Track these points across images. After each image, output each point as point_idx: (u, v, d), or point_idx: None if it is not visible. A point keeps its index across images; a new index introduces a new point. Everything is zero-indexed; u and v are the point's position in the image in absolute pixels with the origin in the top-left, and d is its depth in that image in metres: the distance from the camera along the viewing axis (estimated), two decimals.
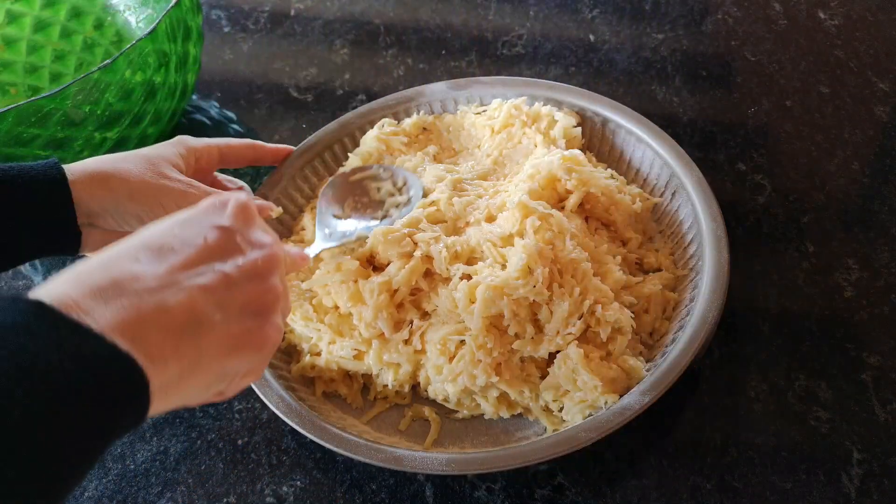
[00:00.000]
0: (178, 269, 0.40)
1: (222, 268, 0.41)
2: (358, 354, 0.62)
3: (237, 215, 0.45)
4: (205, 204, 0.45)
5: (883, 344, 0.62)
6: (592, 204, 0.66)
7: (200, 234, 0.42)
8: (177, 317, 0.38)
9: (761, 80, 0.81)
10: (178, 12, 0.74)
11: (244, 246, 0.44)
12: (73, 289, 0.36)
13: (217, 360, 0.40)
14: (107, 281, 0.37)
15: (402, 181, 0.69)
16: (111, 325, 0.35)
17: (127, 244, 0.40)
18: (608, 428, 0.54)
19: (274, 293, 0.44)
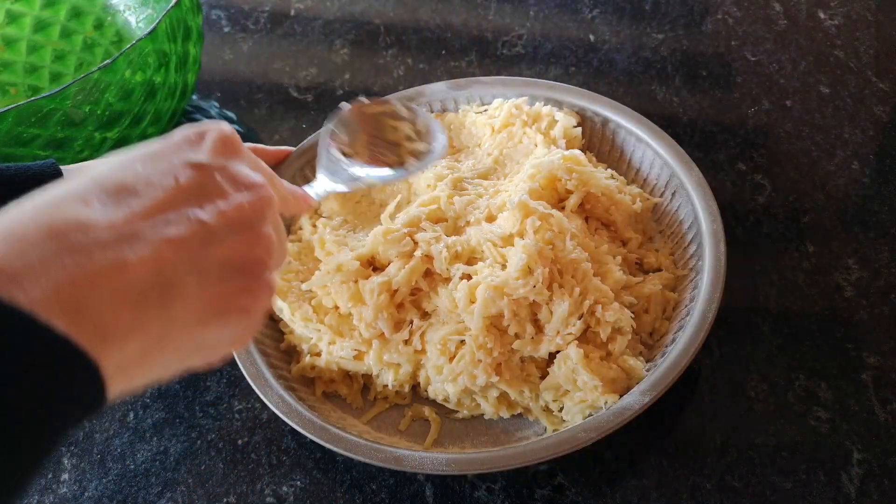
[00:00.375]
0: (141, 217, 0.31)
1: (199, 214, 0.33)
2: (358, 355, 0.62)
3: (218, 148, 0.37)
4: (178, 134, 0.37)
5: (883, 344, 0.62)
6: (592, 204, 0.66)
7: (170, 173, 0.34)
8: (137, 279, 0.30)
9: (761, 80, 0.81)
10: (178, 12, 0.74)
11: (227, 186, 0.36)
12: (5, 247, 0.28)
13: (192, 329, 0.33)
14: (44, 232, 0.29)
15: (424, 127, 0.61)
16: (48, 295, 0.28)
17: (76, 182, 0.32)
18: (608, 428, 0.54)
19: (265, 244, 0.36)
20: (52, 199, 0.31)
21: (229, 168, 0.37)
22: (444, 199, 0.65)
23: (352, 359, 0.62)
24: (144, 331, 0.31)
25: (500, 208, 0.64)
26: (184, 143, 0.36)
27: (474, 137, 0.74)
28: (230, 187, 0.36)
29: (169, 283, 0.31)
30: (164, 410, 0.66)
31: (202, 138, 0.37)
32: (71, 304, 0.28)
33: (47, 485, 0.63)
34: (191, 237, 0.33)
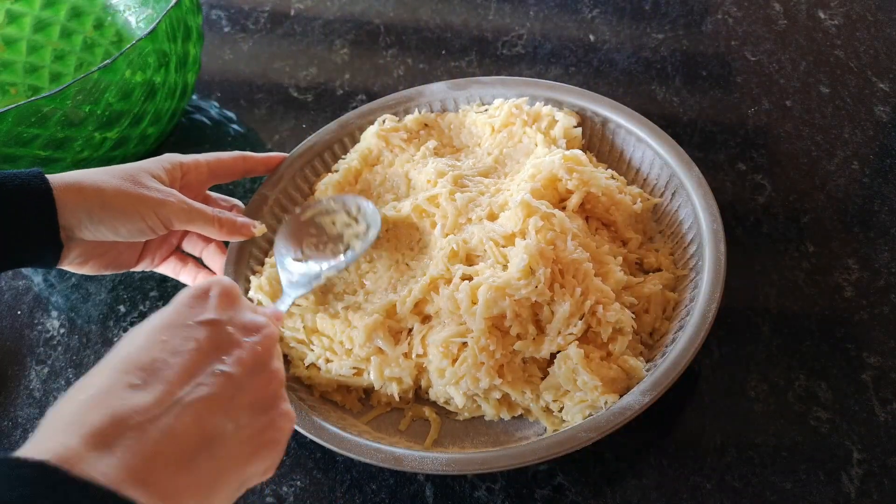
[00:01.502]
0: (177, 385, 0.37)
1: (224, 368, 0.39)
2: (357, 371, 0.62)
3: (222, 302, 0.42)
4: (184, 297, 0.42)
5: (883, 344, 0.62)
6: (593, 204, 0.66)
7: (190, 337, 0.39)
8: (187, 442, 0.36)
9: (761, 80, 0.81)
10: (178, 12, 0.74)
11: (238, 335, 0.41)
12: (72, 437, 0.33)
13: (236, 470, 0.38)
14: (106, 420, 0.34)
15: (355, 208, 0.67)
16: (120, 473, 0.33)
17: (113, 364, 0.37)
18: (608, 428, 0.54)
19: (278, 379, 0.42)
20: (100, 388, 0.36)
21: (236, 318, 0.42)
22: (446, 196, 0.65)
23: (351, 376, 0.62)
24: (199, 483, 0.36)
25: (501, 207, 0.64)
26: (192, 303, 0.41)
27: (474, 137, 0.74)
28: (241, 334, 0.41)
29: (211, 437, 0.37)
30: None
31: (207, 296, 0.42)
32: (139, 476, 0.33)
33: None
34: (221, 392, 0.38)
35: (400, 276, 0.64)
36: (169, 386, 0.37)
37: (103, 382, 0.36)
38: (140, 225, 0.60)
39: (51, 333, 0.73)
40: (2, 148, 0.69)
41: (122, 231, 0.60)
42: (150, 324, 0.40)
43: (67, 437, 0.33)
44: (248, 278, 0.67)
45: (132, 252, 0.66)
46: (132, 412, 0.35)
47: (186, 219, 0.62)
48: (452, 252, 0.62)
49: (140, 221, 0.60)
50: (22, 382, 0.70)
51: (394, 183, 0.71)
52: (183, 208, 0.62)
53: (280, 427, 0.41)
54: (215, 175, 0.68)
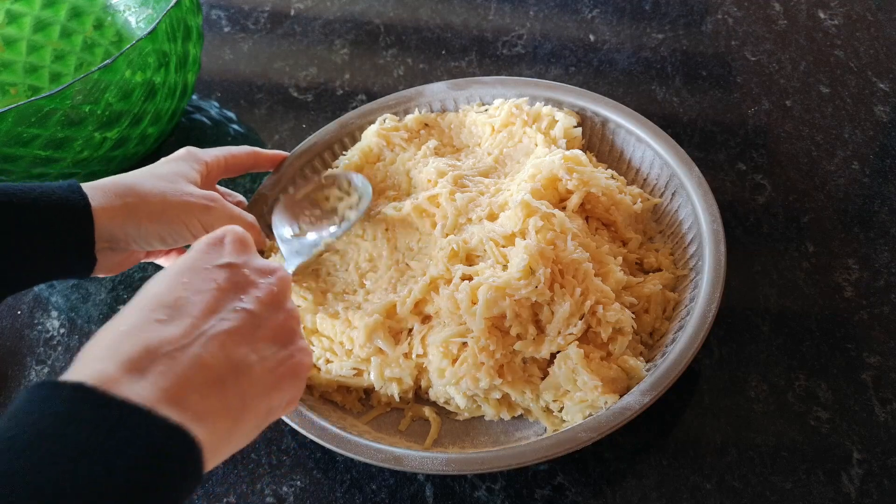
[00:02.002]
0: (202, 319, 0.39)
1: (244, 305, 0.41)
2: (358, 372, 0.62)
3: (237, 248, 0.44)
4: (200, 245, 0.44)
5: (883, 344, 0.62)
6: (593, 204, 0.66)
7: (210, 278, 0.42)
8: (214, 369, 0.38)
9: (761, 80, 0.81)
10: (178, 12, 0.74)
11: (255, 277, 0.44)
12: (109, 364, 0.35)
13: (261, 399, 0.40)
14: (139, 349, 0.37)
15: (346, 183, 0.69)
16: (155, 395, 0.35)
17: (140, 304, 0.40)
18: (608, 428, 0.54)
19: (295, 316, 0.45)
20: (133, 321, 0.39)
21: (250, 262, 0.44)
22: (446, 196, 0.65)
23: (352, 377, 0.62)
24: (228, 408, 0.38)
25: (501, 207, 0.64)
26: (209, 250, 0.44)
27: (474, 137, 0.74)
28: (256, 276, 0.44)
29: (236, 366, 0.39)
30: None
31: (222, 242, 0.45)
32: (172, 399, 0.35)
33: None
34: (243, 325, 0.41)
35: (400, 276, 0.64)
36: (194, 320, 0.39)
37: (132, 319, 0.39)
38: (185, 233, 0.61)
39: (51, 333, 0.73)
40: (2, 148, 0.69)
41: (168, 240, 0.61)
42: (170, 270, 0.42)
43: (103, 364, 0.36)
44: None
45: (144, 252, 0.66)
46: (162, 342, 0.37)
47: (228, 224, 0.62)
48: (452, 252, 0.62)
49: (185, 229, 0.61)
50: (22, 382, 0.70)
51: (394, 181, 0.71)
52: (226, 214, 0.63)
53: (300, 360, 0.43)
54: (229, 170, 0.69)
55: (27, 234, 0.54)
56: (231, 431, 0.39)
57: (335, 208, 0.68)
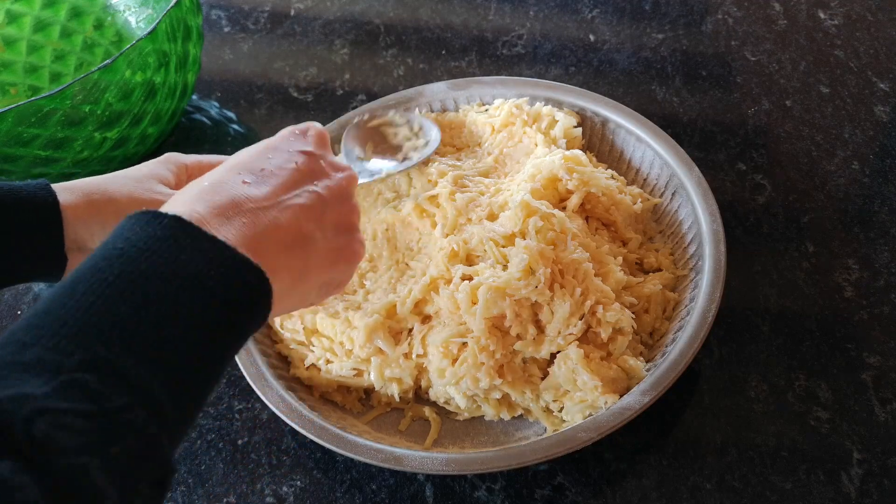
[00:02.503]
0: (281, 191, 0.44)
1: (316, 189, 0.46)
2: (358, 372, 0.62)
3: (317, 142, 0.49)
4: (286, 132, 0.49)
5: (883, 344, 0.62)
6: (593, 204, 0.66)
7: (291, 160, 0.46)
8: (287, 233, 0.43)
9: (761, 80, 0.81)
10: (178, 12, 0.74)
11: (328, 169, 0.48)
12: (201, 206, 0.40)
13: (319, 271, 0.46)
14: (226, 200, 0.41)
15: (417, 126, 0.71)
16: (238, 239, 0.39)
17: (229, 167, 0.45)
18: (608, 428, 0.54)
19: (356, 211, 0.50)
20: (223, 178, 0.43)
21: (326, 156, 0.49)
22: (446, 196, 0.65)
23: (352, 377, 0.62)
24: (292, 269, 0.43)
25: (501, 207, 0.64)
26: (293, 136, 0.49)
27: (475, 137, 0.74)
28: (330, 169, 0.49)
29: (305, 236, 0.44)
30: None
31: (305, 134, 0.50)
32: (252, 246, 0.40)
33: None
34: (314, 205, 0.45)
35: (400, 276, 0.64)
36: (274, 188, 0.44)
37: (221, 177, 0.43)
38: None
39: None
40: (2, 148, 0.69)
41: None
42: (258, 145, 0.48)
43: (196, 205, 0.40)
44: None
45: None
46: (247, 199, 0.42)
47: None
48: (452, 252, 0.62)
49: None
50: None
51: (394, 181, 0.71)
52: None
53: (355, 249, 0.49)
54: None
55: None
56: (291, 290, 0.43)
57: (401, 146, 0.70)
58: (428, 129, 0.71)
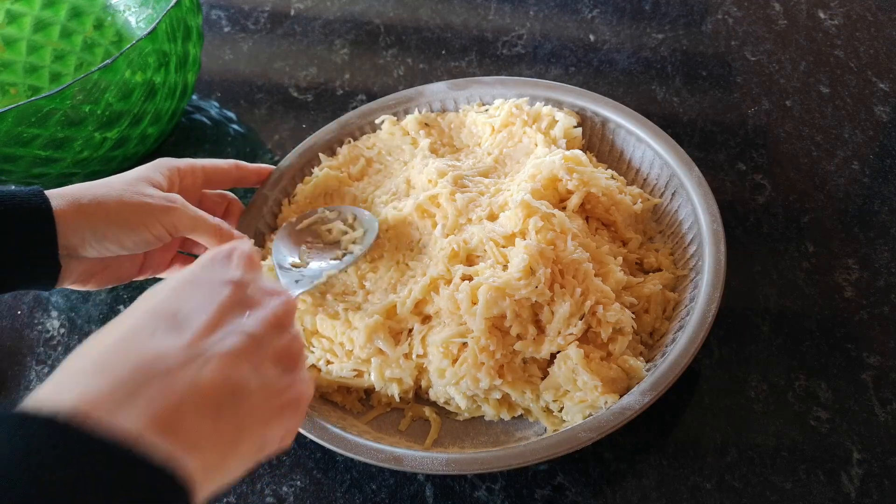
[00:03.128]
0: (201, 337, 0.37)
1: (246, 325, 0.39)
2: (358, 373, 0.62)
3: (245, 265, 0.43)
4: (207, 258, 0.43)
5: (883, 344, 0.62)
6: (593, 204, 0.66)
7: (213, 293, 0.40)
8: (211, 392, 0.35)
9: (761, 80, 0.81)
10: (178, 12, 0.74)
11: (259, 296, 0.42)
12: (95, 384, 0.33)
13: (257, 428, 0.38)
14: (132, 367, 0.34)
15: (351, 217, 0.68)
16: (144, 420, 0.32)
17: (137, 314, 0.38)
18: (608, 428, 0.54)
19: (298, 341, 0.43)
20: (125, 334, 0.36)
21: (257, 280, 0.42)
22: (446, 196, 0.65)
23: (352, 378, 0.62)
24: (222, 435, 0.35)
25: (501, 207, 0.64)
26: (216, 263, 0.42)
27: (474, 137, 0.74)
28: (262, 296, 0.42)
29: (235, 390, 0.36)
30: None
31: (230, 257, 0.43)
32: (162, 425, 0.33)
33: None
34: (245, 345, 0.38)
35: (400, 277, 0.64)
36: (193, 336, 0.37)
37: (127, 329, 0.36)
38: (146, 235, 0.60)
39: (51, 333, 0.73)
40: (2, 148, 0.69)
41: (127, 244, 0.59)
42: (172, 280, 0.41)
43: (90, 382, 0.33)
44: None
45: (134, 262, 0.65)
46: (157, 359, 0.35)
47: (191, 226, 0.62)
48: (453, 252, 0.62)
49: (146, 232, 0.60)
50: (22, 382, 0.70)
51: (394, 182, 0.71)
52: (188, 215, 0.61)
53: (300, 391, 0.41)
54: (210, 181, 0.68)
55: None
56: (221, 463, 0.36)
57: (338, 241, 0.67)
58: (363, 219, 0.67)
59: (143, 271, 0.66)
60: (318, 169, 0.73)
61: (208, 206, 0.69)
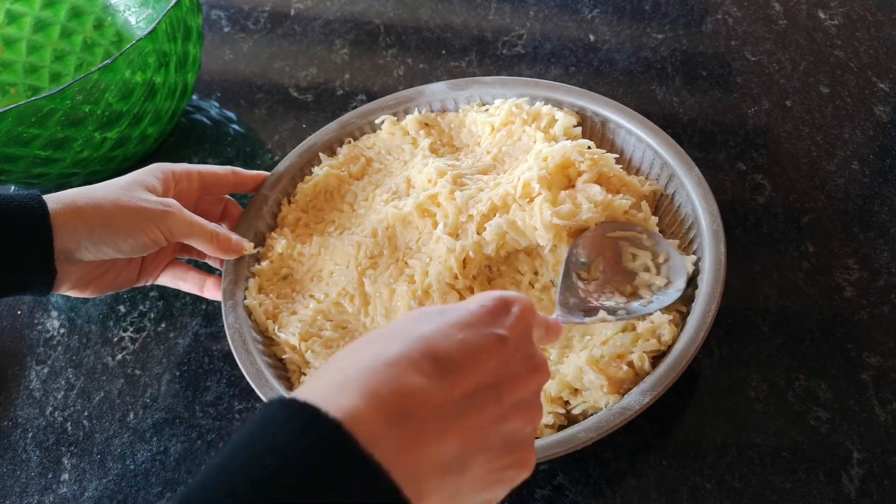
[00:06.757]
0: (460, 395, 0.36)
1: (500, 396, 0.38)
2: None
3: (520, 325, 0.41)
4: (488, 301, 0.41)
5: (883, 344, 0.62)
6: (605, 186, 0.66)
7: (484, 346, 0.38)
8: (448, 451, 0.35)
9: (761, 80, 0.81)
10: (178, 12, 0.74)
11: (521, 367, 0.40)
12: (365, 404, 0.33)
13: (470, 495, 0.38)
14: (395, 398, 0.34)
15: (663, 257, 0.61)
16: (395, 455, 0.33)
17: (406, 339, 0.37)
18: (608, 428, 0.54)
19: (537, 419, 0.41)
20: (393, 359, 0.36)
21: (525, 346, 0.41)
22: (446, 195, 0.65)
23: None
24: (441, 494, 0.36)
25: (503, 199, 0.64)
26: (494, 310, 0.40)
27: (474, 136, 0.74)
28: (524, 367, 0.40)
29: (466, 458, 0.36)
30: (163, 410, 0.66)
31: (509, 310, 0.41)
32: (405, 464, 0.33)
33: (47, 485, 0.63)
34: (490, 419, 0.37)
35: (399, 275, 0.64)
36: (453, 391, 0.36)
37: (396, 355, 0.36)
38: (143, 239, 0.60)
39: (51, 333, 0.73)
40: (2, 148, 0.69)
41: (124, 247, 0.59)
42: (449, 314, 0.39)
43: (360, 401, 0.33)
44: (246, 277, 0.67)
45: (132, 268, 0.65)
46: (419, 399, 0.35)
47: (188, 231, 0.62)
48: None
49: (142, 235, 0.59)
50: (22, 382, 0.70)
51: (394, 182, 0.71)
52: (184, 220, 0.61)
53: (523, 469, 0.40)
54: (206, 187, 0.68)
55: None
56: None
57: (634, 274, 0.60)
58: (675, 267, 0.60)
59: (141, 277, 0.66)
60: (318, 168, 0.73)
61: (205, 210, 0.69)
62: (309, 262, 0.68)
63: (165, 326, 0.71)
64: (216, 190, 0.69)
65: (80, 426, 0.66)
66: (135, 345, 0.71)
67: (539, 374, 0.41)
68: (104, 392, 0.68)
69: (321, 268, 0.67)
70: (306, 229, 0.71)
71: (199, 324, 0.71)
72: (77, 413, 0.67)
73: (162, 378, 0.68)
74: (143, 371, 0.69)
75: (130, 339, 0.71)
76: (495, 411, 0.38)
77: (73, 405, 0.68)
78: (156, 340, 0.71)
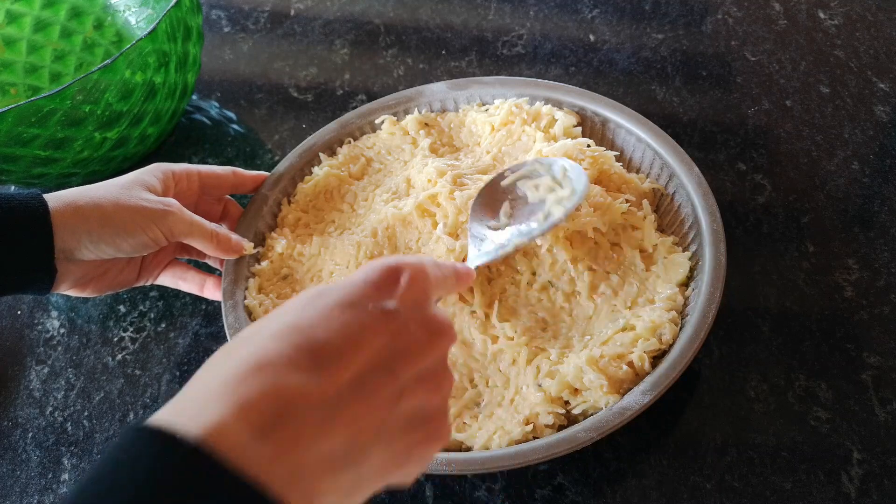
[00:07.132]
0: (343, 384, 0.34)
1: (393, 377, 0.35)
2: None
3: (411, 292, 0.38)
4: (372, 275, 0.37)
5: (883, 344, 0.62)
6: (605, 184, 0.66)
7: (367, 328, 0.35)
8: (339, 448, 0.33)
9: (761, 80, 0.81)
10: (178, 12, 0.74)
11: (418, 334, 0.37)
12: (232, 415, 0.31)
13: (375, 482, 0.35)
14: (268, 402, 0.32)
15: (560, 172, 0.61)
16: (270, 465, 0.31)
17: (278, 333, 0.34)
18: (608, 428, 0.54)
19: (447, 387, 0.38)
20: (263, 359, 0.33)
21: (420, 313, 0.37)
22: (446, 195, 0.65)
23: None
24: (337, 489, 0.33)
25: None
26: (378, 286, 0.37)
27: (474, 136, 0.74)
28: (421, 333, 0.37)
29: (359, 448, 0.34)
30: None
31: (397, 280, 0.38)
32: (285, 470, 0.31)
33: (47, 485, 0.63)
34: (384, 401, 0.35)
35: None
36: (334, 381, 0.34)
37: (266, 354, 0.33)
38: (143, 238, 0.60)
39: (51, 333, 0.73)
40: (2, 148, 0.69)
41: (124, 246, 0.59)
42: (327, 296, 0.36)
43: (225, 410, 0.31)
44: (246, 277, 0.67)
45: (132, 268, 0.65)
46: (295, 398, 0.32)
47: (187, 230, 0.62)
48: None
49: (142, 234, 0.60)
50: (22, 382, 0.70)
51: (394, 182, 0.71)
52: (184, 219, 0.61)
53: (435, 444, 0.37)
54: (206, 187, 0.68)
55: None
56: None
57: (543, 201, 0.60)
58: (572, 175, 0.60)
59: (140, 277, 0.66)
60: (318, 168, 0.73)
61: (205, 210, 0.69)
62: (309, 263, 0.68)
63: (165, 326, 0.71)
64: (216, 190, 0.69)
65: (80, 426, 0.66)
66: (135, 345, 0.71)
67: (441, 339, 0.38)
68: (104, 392, 0.68)
69: (321, 268, 0.67)
70: (306, 229, 0.71)
71: (200, 324, 0.71)
72: (77, 413, 0.67)
73: (162, 378, 0.68)
74: (143, 371, 0.69)
75: (130, 339, 0.71)
76: (391, 391, 0.35)
77: (73, 405, 0.68)
78: (156, 340, 0.71)
